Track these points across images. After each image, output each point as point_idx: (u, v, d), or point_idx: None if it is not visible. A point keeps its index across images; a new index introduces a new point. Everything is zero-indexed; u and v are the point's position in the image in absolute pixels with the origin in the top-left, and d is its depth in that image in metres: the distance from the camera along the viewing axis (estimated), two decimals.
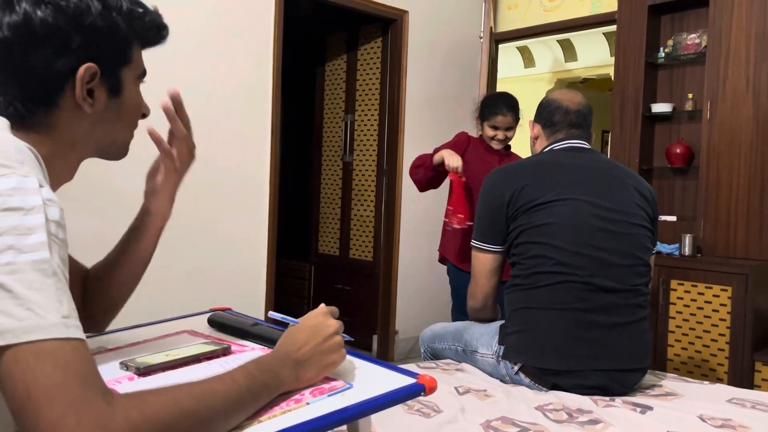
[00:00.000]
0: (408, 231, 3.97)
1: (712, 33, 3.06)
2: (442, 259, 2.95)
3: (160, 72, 2.75)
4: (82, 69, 0.77)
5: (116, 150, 0.90)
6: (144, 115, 0.93)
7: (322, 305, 0.91)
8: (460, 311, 2.69)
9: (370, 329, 4.04)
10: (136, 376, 0.84)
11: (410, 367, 1.81)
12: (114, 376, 0.84)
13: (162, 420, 0.62)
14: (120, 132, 0.88)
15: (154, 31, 0.88)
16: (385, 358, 3.90)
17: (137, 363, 0.85)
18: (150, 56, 0.93)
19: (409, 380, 0.84)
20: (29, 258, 0.61)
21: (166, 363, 0.86)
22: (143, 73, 0.90)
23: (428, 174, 2.67)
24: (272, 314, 0.96)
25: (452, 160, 2.54)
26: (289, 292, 4.77)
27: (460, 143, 2.79)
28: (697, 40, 3.26)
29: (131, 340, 1.03)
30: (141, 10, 0.85)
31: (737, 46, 2.97)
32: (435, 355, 2.01)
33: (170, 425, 0.62)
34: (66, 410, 0.57)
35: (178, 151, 0.97)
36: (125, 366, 0.86)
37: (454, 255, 2.81)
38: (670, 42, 3.36)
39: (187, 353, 0.90)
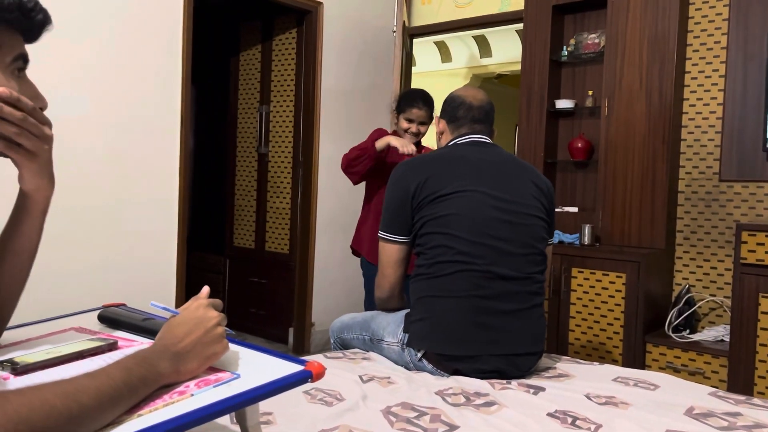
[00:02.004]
0: (324, 223, 3.98)
1: (610, 34, 3.23)
2: (356, 253, 2.99)
3: (62, 60, 2.64)
4: None
5: None
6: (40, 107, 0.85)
7: (205, 291, 0.90)
8: (371, 302, 2.73)
9: (286, 322, 4.03)
10: (12, 376, 0.81)
11: (318, 357, 1.83)
12: None
13: (27, 419, 0.60)
14: None
15: (19, 13, 0.82)
16: (301, 350, 3.90)
17: (14, 362, 0.82)
18: (52, 44, 0.87)
19: (296, 367, 0.85)
20: None
21: (46, 361, 0.84)
22: (20, 58, 0.84)
23: (371, 164, 2.69)
24: (153, 304, 0.94)
25: (408, 148, 2.58)
26: (203, 285, 4.67)
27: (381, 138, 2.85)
28: (597, 40, 3.44)
29: (13, 340, 0.99)
30: None
31: (632, 47, 3.16)
32: (344, 345, 2.04)
33: (36, 424, 0.61)
34: None
35: (24, 138, 0.83)
36: (1, 365, 0.83)
37: (367, 250, 2.86)
38: (572, 41, 3.52)
39: (70, 350, 0.87)
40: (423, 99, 2.80)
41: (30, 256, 0.96)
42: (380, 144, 2.65)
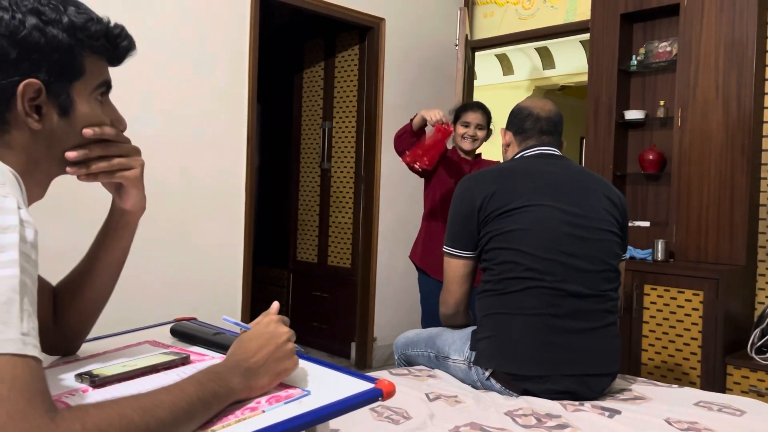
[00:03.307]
0: (386, 238, 3.97)
1: (683, 41, 3.11)
2: (417, 267, 2.97)
3: (133, 80, 2.75)
4: (21, 85, 0.75)
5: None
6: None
7: (275, 306, 0.90)
8: (428, 319, 2.71)
9: (348, 336, 4.03)
10: (90, 388, 0.82)
11: (383, 373, 1.81)
12: (69, 388, 0.83)
13: None
14: None
15: (105, 40, 0.83)
16: (363, 365, 3.89)
17: (92, 374, 0.84)
18: (124, 65, 0.90)
19: (367, 385, 0.83)
20: None
21: (122, 374, 0.85)
22: (104, 84, 0.86)
23: (411, 140, 2.71)
24: (225, 319, 0.95)
25: (432, 113, 2.61)
26: (266, 299, 4.74)
27: None
28: (668, 48, 3.32)
29: (90, 352, 1.02)
30: (86, 21, 0.81)
31: (707, 54, 3.03)
32: (408, 362, 2.01)
33: None
34: (6, 423, 0.57)
35: (119, 164, 0.89)
36: (80, 378, 0.85)
37: (419, 257, 2.86)
38: (642, 50, 3.41)
39: (145, 364, 0.89)
40: (477, 104, 2.87)
41: (120, 269, 1.01)
42: (417, 122, 2.68)
